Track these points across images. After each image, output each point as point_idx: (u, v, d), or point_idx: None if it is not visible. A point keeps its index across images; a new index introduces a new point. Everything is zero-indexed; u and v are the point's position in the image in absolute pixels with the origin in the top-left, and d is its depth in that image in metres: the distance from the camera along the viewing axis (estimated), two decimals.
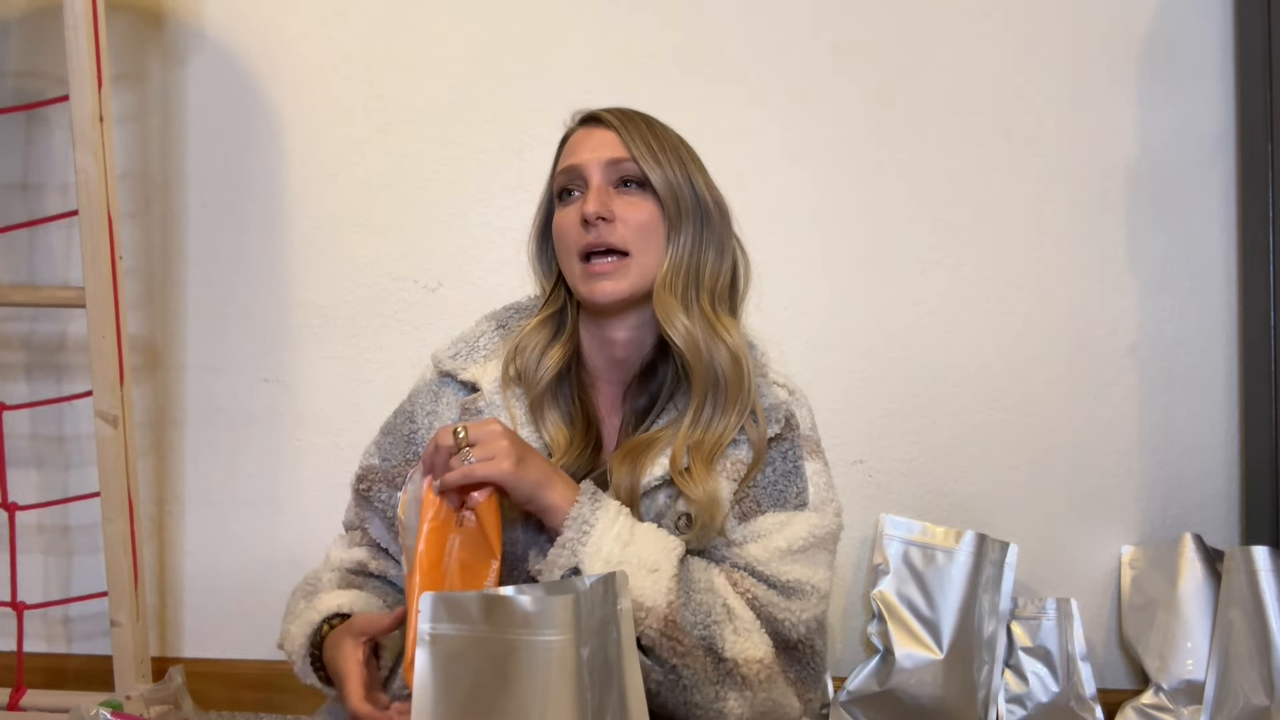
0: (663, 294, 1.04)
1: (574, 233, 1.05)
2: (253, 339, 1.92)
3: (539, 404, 1.07)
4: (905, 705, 1.72)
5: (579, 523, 0.94)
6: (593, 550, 0.93)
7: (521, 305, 1.18)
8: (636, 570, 0.93)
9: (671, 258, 1.05)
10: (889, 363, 1.87)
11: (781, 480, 1.06)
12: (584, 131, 1.10)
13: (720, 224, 1.09)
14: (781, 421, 1.08)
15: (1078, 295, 1.86)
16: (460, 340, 1.14)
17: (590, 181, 1.06)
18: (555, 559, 0.93)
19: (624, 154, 1.05)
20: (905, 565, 1.80)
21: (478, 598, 0.78)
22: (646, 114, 1.11)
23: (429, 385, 1.13)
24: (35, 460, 1.95)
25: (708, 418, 1.04)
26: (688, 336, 1.03)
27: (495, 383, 1.08)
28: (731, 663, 0.95)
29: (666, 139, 1.08)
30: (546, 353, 1.08)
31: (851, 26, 1.86)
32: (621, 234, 1.04)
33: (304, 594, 1.11)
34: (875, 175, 1.87)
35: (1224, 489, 1.86)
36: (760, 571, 1.00)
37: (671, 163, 1.06)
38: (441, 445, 0.93)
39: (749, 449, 1.06)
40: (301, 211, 1.91)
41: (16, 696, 1.68)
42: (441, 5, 1.89)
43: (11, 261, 1.93)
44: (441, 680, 0.76)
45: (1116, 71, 1.85)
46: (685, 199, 1.06)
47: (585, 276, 1.04)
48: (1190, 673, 1.71)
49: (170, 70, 1.92)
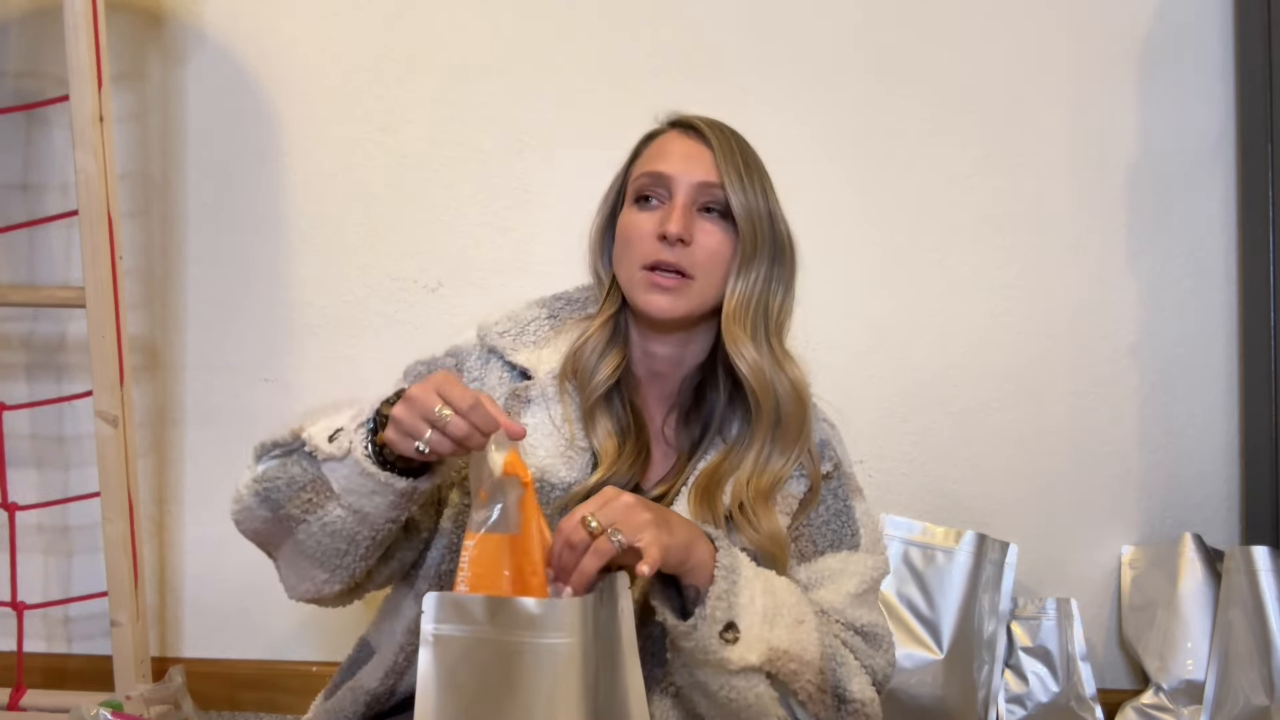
0: (731, 326, 1.01)
1: (647, 242, 1.01)
2: (253, 339, 1.92)
3: (592, 411, 1.03)
4: (905, 705, 1.72)
5: (729, 571, 0.88)
6: (746, 601, 0.88)
7: (571, 296, 1.14)
8: (788, 623, 0.90)
9: (741, 291, 1.02)
10: (889, 363, 1.87)
11: (834, 520, 1.05)
12: (676, 138, 1.06)
13: (791, 261, 1.07)
14: (831, 459, 1.07)
15: (1078, 295, 1.86)
16: (509, 319, 1.10)
17: (676, 197, 1.02)
18: (714, 612, 0.86)
19: (716, 179, 1.02)
20: (905, 565, 1.80)
21: (483, 599, 0.78)
22: (738, 133, 1.08)
23: (476, 351, 1.08)
24: (35, 460, 1.94)
25: (768, 453, 1.02)
26: (756, 369, 1.01)
27: (550, 375, 1.04)
28: (857, 703, 0.94)
29: (755, 166, 1.06)
30: (605, 356, 1.05)
31: (852, 27, 1.86)
32: (695, 258, 1.01)
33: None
34: (875, 175, 1.87)
35: (1224, 489, 1.86)
36: (839, 619, 0.99)
37: (757, 193, 1.03)
38: (576, 543, 0.82)
39: (802, 484, 1.04)
40: (301, 211, 1.91)
41: (16, 696, 1.68)
42: (441, 5, 1.89)
43: (11, 261, 1.93)
44: (446, 681, 0.76)
45: (1116, 71, 1.85)
46: (764, 233, 1.03)
47: (645, 286, 1.01)
48: (1190, 673, 1.71)
49: (170, 70, 1.92)
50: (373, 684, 1.01)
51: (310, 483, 0.90)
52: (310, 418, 0.95)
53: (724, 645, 0.86)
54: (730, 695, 0.88)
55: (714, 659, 0.86)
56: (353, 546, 0.92)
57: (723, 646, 0.86)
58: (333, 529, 0.91)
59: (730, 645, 0.86)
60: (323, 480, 0.90)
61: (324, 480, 0.89)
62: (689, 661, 0.89)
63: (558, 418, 1.02)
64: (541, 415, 1.02)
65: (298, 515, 0.92)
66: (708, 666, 0.87)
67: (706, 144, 1.04)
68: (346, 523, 0.90)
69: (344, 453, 0.87)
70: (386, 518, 0.90)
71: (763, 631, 0.88)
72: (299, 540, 0.93)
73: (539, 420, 1.02)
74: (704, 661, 0.87)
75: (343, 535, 0.91)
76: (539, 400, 1.03)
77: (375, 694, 1.01)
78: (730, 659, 0.86)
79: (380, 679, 1.01)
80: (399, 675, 1.01)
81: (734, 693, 0.88)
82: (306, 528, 0.92)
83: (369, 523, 0.90)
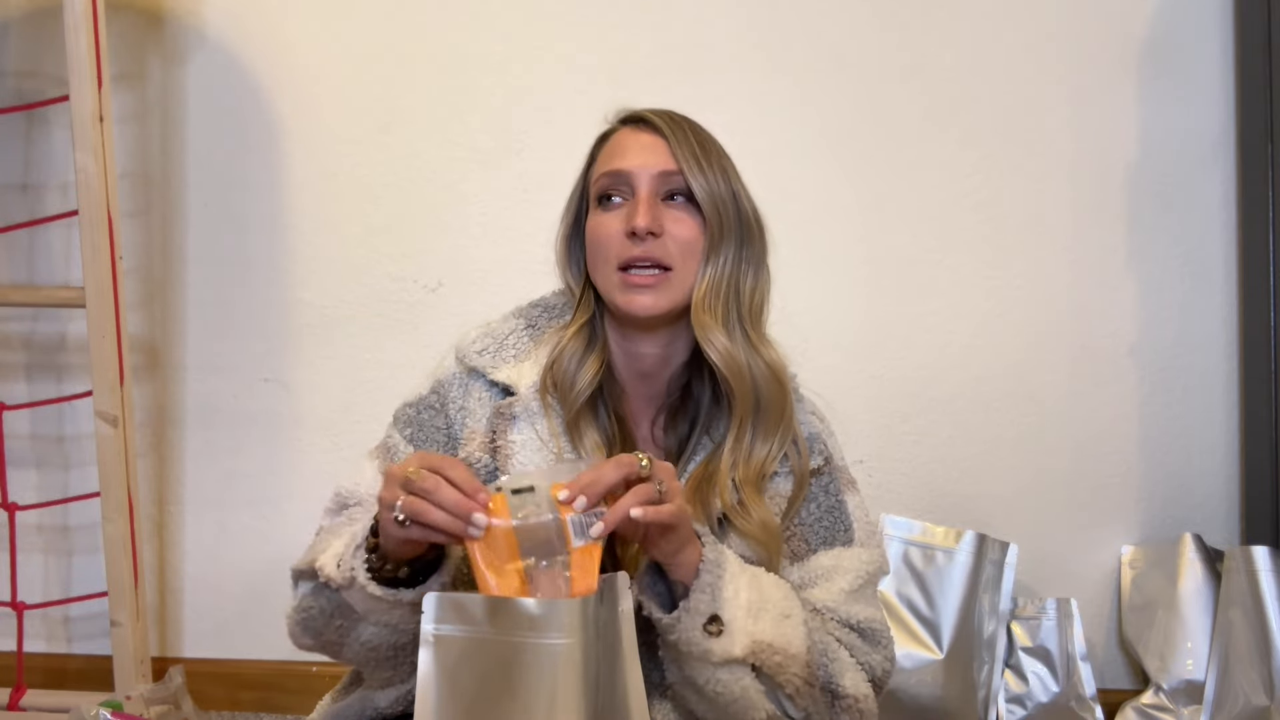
0: (700, 314, 1.00)
1: (616, 243, 1.00)
2: (253, 339, 1.92)
3: (577, 421, 1.01)
4: (905, 705, 1.72)
5: (714, 565, 0.88)
6: (731, 595, 0.88)
7: (550, 303, 1.12)
8: (773, 617, 0.90)
9: (711, 276, 1.00)
10: (889, 363, 1.87)
11: (827, 517, 1.04)
12: (629, 134, 1.04)
13: (760, 240, 1.06)
14: (821, 454, 1.06)
15: (1078, 295, 1.86)
16: (487, 335, 1.08)
17: (639, 191, 1.00)
18: (698, 605, 0.86)
19: (674, 166, 1.00)
20: (905, 565, 1.80)
21: (483, 600, 0.78)
22: (691, 119, 1.06)
23: (456, 378, 1.06)
24: (35, 460, 1.94)
25: (749, 443, 1.01)
26: (728, 356, 0.99)
27: (532, 389, 1.02)
28: (850, 699, 0.94)
29: (712, 149, 1.04)
30: (583, 364, 1.02)
31: (852, 26, 1.86)
32: (669, 249, 0.99)
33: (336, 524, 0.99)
34: (875, 175, 1.87)
35: (1224, 489, 1.86)
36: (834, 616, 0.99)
37: (717, 176, 1.02)
38: (624, 463, 0.82)
39: (788, 480, 1.03)
40: (301, 211, 1.91)
41: (16, 696, 1.68)
42: (441, 5, 1.89)
43: (11, 261, 1.93)
44: (446, 682, 0.76)
45: (1116, 71, 1.85)
46: (729, 215, 1.02)
47: (623, 287, 1.00)
48: (1190, 673, 1.71)
49: (170, 70, 1.92)
50: (383, 703, 1.00)
51: (336, 610, 0.91)
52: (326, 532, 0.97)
53: (708, 638, 0.86)
54: (717, 689, 0.89)
55: (698, 651, 0.87)
56: (399, 651, 0.93)
57: (706, 639, 0.86)
58: (372, 645, 0.92)
59: (714, 638, 0.86)
60: (346, 605, 0.90)
61: (347, 605, 0.90)
62: (675, 656, 0.90)
63: (544, 432, 1.00)
64: (528, 431, 1.01)
65: (337, 640, 0.93)
66: (693, 659, 0.88)
67: (660, 134, 1.02)
68: (383, 636, 0.91)
69: (349, 582, 0.87)
70: (414, 621, 0.87)
71: (747, 624, 0.88)
72: (350, 658, 0.95)
73: (526, 436, 1.00)
74: (689, 654, 0.88)
75: (384, 647, 0.92)
76: (524, 416, 1.01)
77: (383, 712, 1.01)
78: (714, 651, 0.87)
79: (391, 701, 1.00)
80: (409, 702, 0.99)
81: (720, 685, 0.89)
82: (350, 648, 0.93)
83: (402, 631, 0.90)
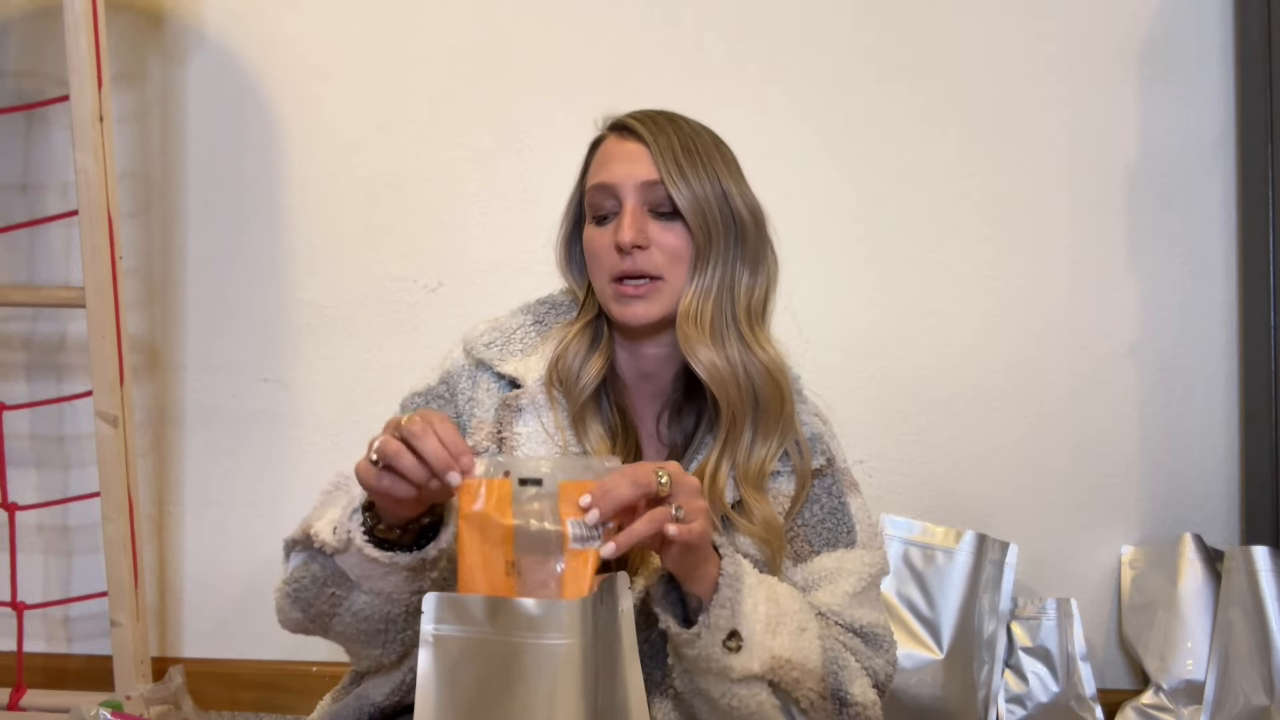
0: (685, 325, 1.00)
1: (608, 256, 1.01)
2: (253, 339, 1.92)
3: (581, 415, 1.02)
4: (905, 705, 1.72)
5: (734, 580, 0.86)
6: (749, 609, 0.87)
7: (557, 300, 1.13)
8: (791, 631, 0.89)
9: (698, 286, 1.00)
10: (889, 363, 1.87)
11: (829, 518, 1.04)
12: (615, 142, 1.05)
13: (755, 236, 1.05)
14: (824, 454, 1.06)
15: (1078, 295, 1.86)
16: (495, 329, 1.08)
17: (625, 204, 1.01)
18: (717, 620, 0.85)
19: (656, 176, 1.00)
20: (905, 565, 1.80)
21: (483, 599, 0.78)
22: (676, 118, 1.05)
23: (465, 369, 1.07)
24: (35, 460, 1.94)
25: (748, 443, 1.01)
26: (712, 368, 0.99)
27: (539, 382, 1.03)
28: (858, 707, 0.93)
29: (697, 149, 1.03)
30: (588, 361, 1.04)
31: (851, 27, 1.86)
32: (656, 260, 1.00)
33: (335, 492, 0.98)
34: (875, 175, 1.87)
35: (1224, 489, 1.86)
36: (838, 620, 0.99)
37: (702, 179, 1.01)
38: (642, 482, 0.80)
39: (790, 480, 1.03)
40: (301, 211, 1.91)
41: (16, 696, 1.68)
42: (441, 5, 1.89)
43: (11, 261, 1.93)
44: (445, 682, 0.76)
45: (1116, 71, 1.85)
46: (715, 220, 1.01)
47: (617, 298, 1.01)
48: (1190, 673, 1.71)
49: (170, 70, 1.92)
50: (379, 698, 1.01)
51: (330, 577, 0.90)
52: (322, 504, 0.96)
53: (727, 654, 0.86)
54: (732, 703, 0.88)
55: (717, 667, 0.86)
56: (389, 624, 0.93)
57: (725, 655, 0.86)
58: (364, 614, 0.91)
59: (733, 654, 0.86)
60: (340, 572, 0.90)
61: (341, 572, 0.89)
62: (691, 669, 0.89)
63: (550, 425, 1.01)
64: (534, 423, 1.01)
65: (328, 610, 0.92)
66: (710, 674, 0.87)
67: (642, 141, 1.02)
68: (375, 605, 0.90)
69: (345, 545, 0.86)
70: (409, 591, 0.89)
71: (765, 640, 0.87)
72: (339, 632, 0.94)
73: (532, 428, 1.01)
74: (706, 669, 0.87)
75: (376, 618, 0.92)
76: (530, 408, 1.02)
77: (380, 707, 1.01)
78: (733, 667, 0.86)
79: (386, 694, 1.01)
80: (405, 691, 1.00)
81: (736, 700, 0.88)
82: (340, 620, 0.92)
83: (395, 600, 0.90)
